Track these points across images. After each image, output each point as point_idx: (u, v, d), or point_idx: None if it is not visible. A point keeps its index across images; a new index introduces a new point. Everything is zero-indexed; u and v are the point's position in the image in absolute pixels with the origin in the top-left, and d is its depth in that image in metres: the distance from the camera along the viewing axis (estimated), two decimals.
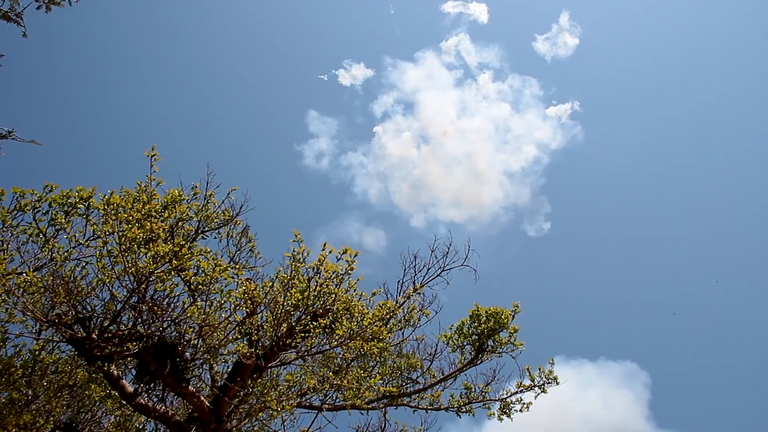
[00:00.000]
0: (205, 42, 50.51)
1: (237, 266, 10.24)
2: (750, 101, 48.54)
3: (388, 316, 10.31)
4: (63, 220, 8.66)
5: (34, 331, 8.98)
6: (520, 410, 12.91)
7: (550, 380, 12.98)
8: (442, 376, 12.80)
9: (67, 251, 8.70)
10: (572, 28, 46.46)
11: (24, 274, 7.99)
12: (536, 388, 12.98)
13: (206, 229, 10.32)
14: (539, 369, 13.06)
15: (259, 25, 50.86)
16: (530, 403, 12.96)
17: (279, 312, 9.09)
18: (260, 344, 9.45)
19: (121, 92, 48.00)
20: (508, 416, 12.85)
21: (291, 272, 9.05)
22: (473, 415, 12.84)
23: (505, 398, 12.92)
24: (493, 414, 12.86)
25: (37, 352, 9.22)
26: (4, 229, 8.38)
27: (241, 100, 51.85)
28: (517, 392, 12.95)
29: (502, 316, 12.71)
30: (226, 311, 8.72)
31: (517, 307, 12.85)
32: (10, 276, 7.84)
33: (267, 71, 52.13)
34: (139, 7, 47.82)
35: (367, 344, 9.65)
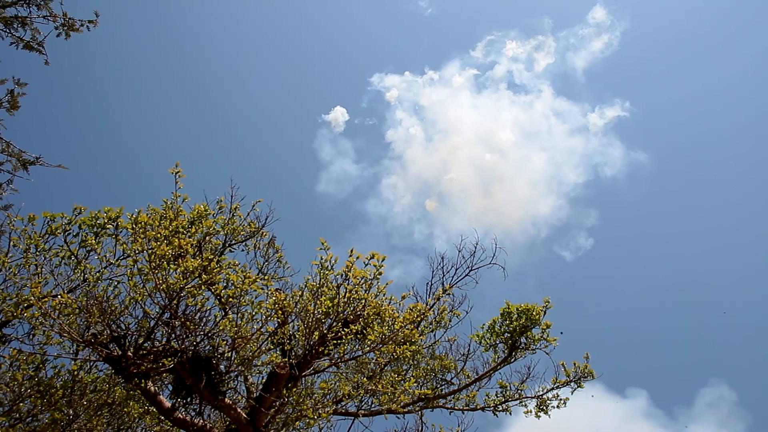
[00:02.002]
0: (217, 57, 51.01)
1: (266, 277, 10.30)
2: None
3: (419, 319, 10.27)
4: (93, 241, 8.79)
5: (71, 351, 9.13)
6: (557, 406, 12.77)
7: (586, 375, 12.82)
8: (476, 376, 12.72)
9: (98, 271, 8.84)
10: (610, 23, 43.65)
11: (59, 296, 8.12)
12: (572, 383, 12.83)
13: (233, 241, 10.41)
14: (574, 364, 12.90)
15: (290, 44, 51.13)
16: (567, 399, 12.82)
17: (310, 320, 9.11)
18: (293, 353, 9.47)
19: (142, 114, 48.67)
20: (546, 413, 12.72)
21: (320, 280, 9.07)
22: (510, 413, 12.74)
23: (542, 395, 12.79)
24: (530, 412, 12.74)
25: (75, 373, 9.35)
26: (38, 253, 8.53)
27: (261, 120, 51.94)
28: (553, 388, 12.81)
29: (534, 313, 12.60)
30: (258, 322, 8.75)
31: (548, 302, 12.74)
32: (46, 299, 7.97)
33: (298, 92, 51.94)
34: (159, 30, 48.51)
35: (400, 348, 9.62)
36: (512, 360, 12.84)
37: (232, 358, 9.02)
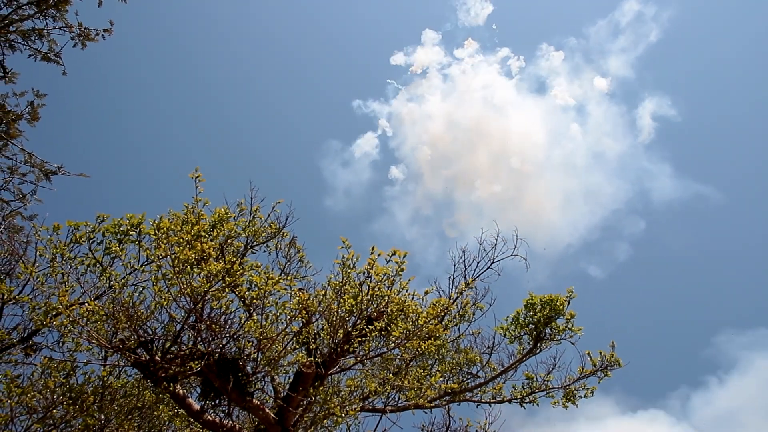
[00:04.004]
0: (230, 65, 51.18)
1: (288, 277, 10.33)
2: None
3: (442, 314, 10.25)
4: (117, 248, 8.88)
5: (100, 357, 9.26)
6: (585, 396, 12.69)
7: (612, 363, 12.72)
8: (502, 369, 12.69)
9: (123, 278, 8.94)
10: (654, 12, 39.18)
11: (86, 304, 8.22)
12: (599, 372, 12.74)
13: (255, 243, 10.46)
14: (600, 353, 12.81)
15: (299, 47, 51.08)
16: (594, 388, 12.73)
17: (334, 319, 9.13)
18: (319, 352, 9.51)
19: (158, 121, 48.98)
20: (573, 403, 12.64)
21: (342, 278, 9.09)
22: (537, 405, 12.68)
23: (568, 385, 12.71)
24: (558, 402, 12.67)
25: (105, 378, 9.48)
26: (63, 261, 8.64)
27: (275, 130, 51.65)
28: (579, 378, 12.73)
29: (557, 303, 12.52)
30: (283, 323, 8.79)
31: (572, 292, 12.64)
32: (74, 307, 8.07)
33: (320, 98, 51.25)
34: (175, 39, 48.82)
35: (424, 343, 9.61)
36: (537, 351, 12.77)
37: (259, 359, 9.07)
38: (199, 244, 8.40)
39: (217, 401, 9.68)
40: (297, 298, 9.15)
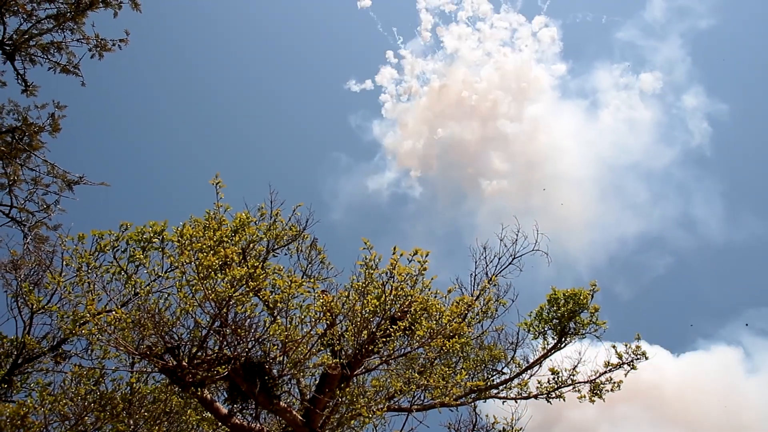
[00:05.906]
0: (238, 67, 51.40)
1: (311, 279, 10.37)
2: None
3: (465, 311, 10.22)
4: (141, 256, 8.99)
5: (128, 364, 9.39)
6: (611, 389, 12.58)
7: (638, 356, 12.60)
8: (527, 364, 12.62)
9: (148, 285, 9.05)
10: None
11: (113, 312, 8.33)
12: (625, 366, 12.63)
13: (276, 247, 10.51)
14: (626, 345, 12.70)
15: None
16: (621, 381, 12.62)
17: (358, 320, 9.15)
18: (344, 353, 9.53)
19: (174, 130, 49.28)
20: (600, 397, 12.54)
21: (365, 279, 9.10)
22: (564, 400, 12.60)
23: (594, 379, 12.61)
24: (584, 396, 12.58)
25: (133, 384, 9.61)
26: (89, 270, 8.76)
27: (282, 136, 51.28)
28: (606, 372, 12.63)
29: (581, 297, 12.42)
30: (307, 325, 8.83)
31: (595, 285, 12.54)
32: (101, 315, 8.19)
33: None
34: (189, 48, 49.15)
35: (449, 341, 9.59)
36: (562, 346, 12.69)
37: (284, 362, 9.12)
38: (221, 250, 8.46)
39: (244, 405, 9.75)
40: (320, 300, 9.18)
